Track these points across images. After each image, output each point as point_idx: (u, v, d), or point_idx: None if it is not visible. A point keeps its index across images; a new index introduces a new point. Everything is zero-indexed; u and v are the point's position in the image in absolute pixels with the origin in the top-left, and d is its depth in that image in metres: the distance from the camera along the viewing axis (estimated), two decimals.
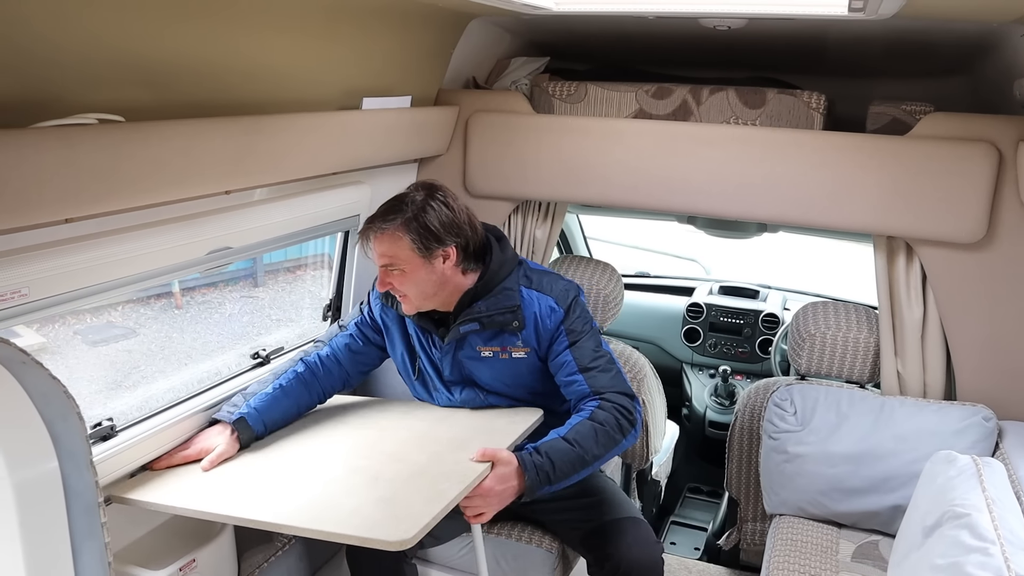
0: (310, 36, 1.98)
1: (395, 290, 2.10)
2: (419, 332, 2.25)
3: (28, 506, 1.01)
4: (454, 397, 2.27)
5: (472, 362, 2.20)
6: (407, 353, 2.30)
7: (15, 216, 1.43)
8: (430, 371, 2.27)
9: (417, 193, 2.09)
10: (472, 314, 2.12)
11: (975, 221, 2.30)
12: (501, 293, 2.14)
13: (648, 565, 2.08)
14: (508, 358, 2.17)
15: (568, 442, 1.97)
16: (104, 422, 1.92)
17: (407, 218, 2.04)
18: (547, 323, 2.14)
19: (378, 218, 2.06)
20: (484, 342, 2.17)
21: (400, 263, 2.05)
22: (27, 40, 1.35)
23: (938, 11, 1.92)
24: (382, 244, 2.05)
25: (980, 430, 2.29)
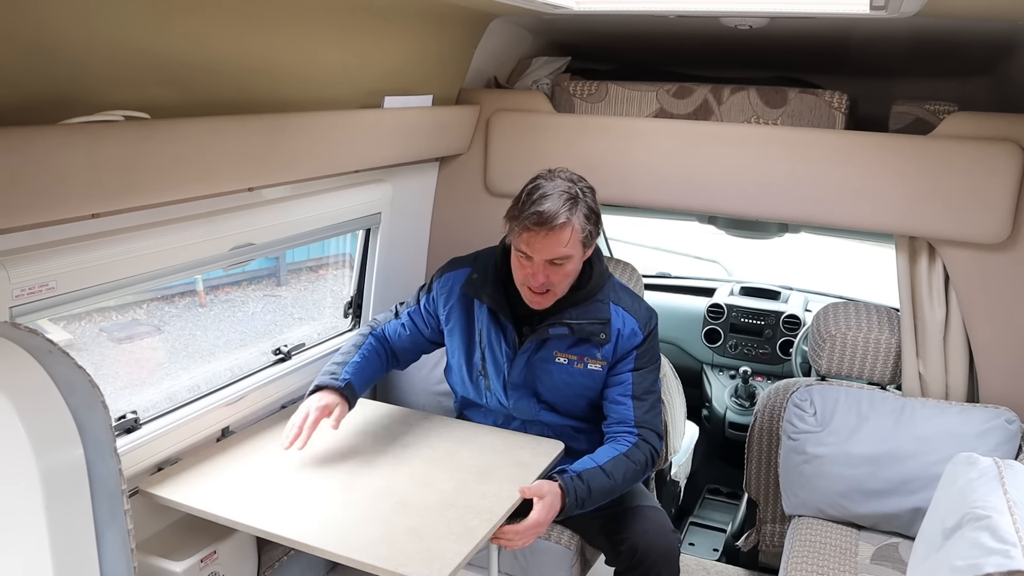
0: (333, 35, 2.01)
1: (549, 283, 2.03)
2: (493, 329, 2.20)
3: (54, 492, 1.04)
4: (507, 402, 2.24)
5: (543, 367, 2.19)
6: (466, 349, 2.27)
7: (43, 211, 1.47)
8: (491, 371, 2.23)
9: (573, 183, 2.03)
10: (563, 319, 2.11)
11: (999, 221, 2.28)
12: (594, 304, 2.14)
13: (664, 551, 2.10)
14: (583, 368, 2.17)
15: (605, 473, 2.03)
16: (128, 415, 1.96)
17: (579, 210, 1.99)
18: (626, 344, 2.16)
19: (553, 209, 1.95)
20: (565, 349, 2.16)
21: (566, 259, 2.01)
22: (56, 40, 1.39)
23: (961, 9, 1.90)
24: (562, 236, 1.96)
25: (1003, 433, 2.27)
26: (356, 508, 1.85)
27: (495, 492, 1.92)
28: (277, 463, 2.07)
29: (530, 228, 1.96)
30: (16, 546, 1.07)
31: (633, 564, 2.10)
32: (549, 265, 2.01)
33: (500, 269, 2.19)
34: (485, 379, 2.26)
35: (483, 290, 2.18)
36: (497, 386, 2.24)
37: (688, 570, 3.02)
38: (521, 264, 2.05)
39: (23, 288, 1.53)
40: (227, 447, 2.14)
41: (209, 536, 2.03)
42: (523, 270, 2.05)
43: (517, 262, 2.06)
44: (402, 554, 1.68)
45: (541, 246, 1.98)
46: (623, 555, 2.12)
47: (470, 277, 2.23)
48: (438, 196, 3.01)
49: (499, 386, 2.24)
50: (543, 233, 1.96)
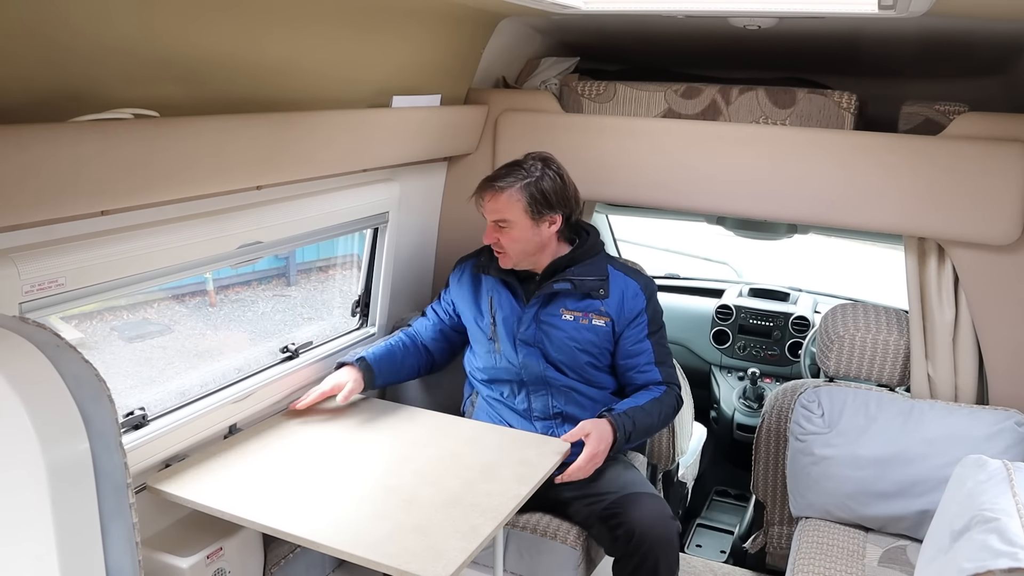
0: (342, 35, 2.01)
1: (498, 246, 2.32)
2: (500, 290, 2.42)
3: (60, 485, 1.04)
4: (516, 357, 2.37)
5: (550, 321, 2.35)
6: (477, 317, 2.45)
7: (53, 208, 1.48)
8: (502, 331, 2.39)
9: (535, 162, 2.32)
10: (566, 276, 2.34)
11: (1009, 222, 2.26)
12: (592, 264, 2.38)
13: (661, 536, 2.11)
14: (588, 324, 2.34)
15: (646, 412, 2.28)
16: (136, 411, 1.97)
17: (525, 182, 2.27)
18: (631, 304, 2.35)
19: (498, 178, 2.29)
20: (570, 306, 2.35)
21: (511, 222, 2.27)
22: (66, 37, 1.40)
23: (970, 9, 1.89)
24: (497, 202, 2.27)
25: (1012, 435, 2.26)
26: (362, 506, 1.86)
27: (501, 491, 1.92)
28: (284, 460, 2.08)
29: (479, 193, 2.32)
30: (22, 539, 1.08)
31: (630, 550, 2.11)
32: (497, 227, 2.30)
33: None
34: (495, 342, 2.40)
35: (490, 266, 2.44)
36: (507, 346, 2.38)
37: (695, 571, 3.01)
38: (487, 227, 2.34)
39: (33, 284, 1.55)
40: (234, 444, 2.15)
41: (216, 532, 2.04)
42: (486, 232, 2.34)
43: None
44: (407, 551, 1.68)
45: (486, 208, 2.31)
46: (620, 541, 2.14)
47: (478, 260, 2.50)
48: (446, 196, 3.02)
49: (509, 345, 2.38)
50: (486, 197, 2.30)
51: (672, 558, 2.14)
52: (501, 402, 2.44)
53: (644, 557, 2.10)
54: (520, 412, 2.40)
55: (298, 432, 2.24)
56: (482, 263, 2.47)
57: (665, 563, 2.11)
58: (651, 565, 2.10)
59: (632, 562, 2.12)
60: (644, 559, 2.10)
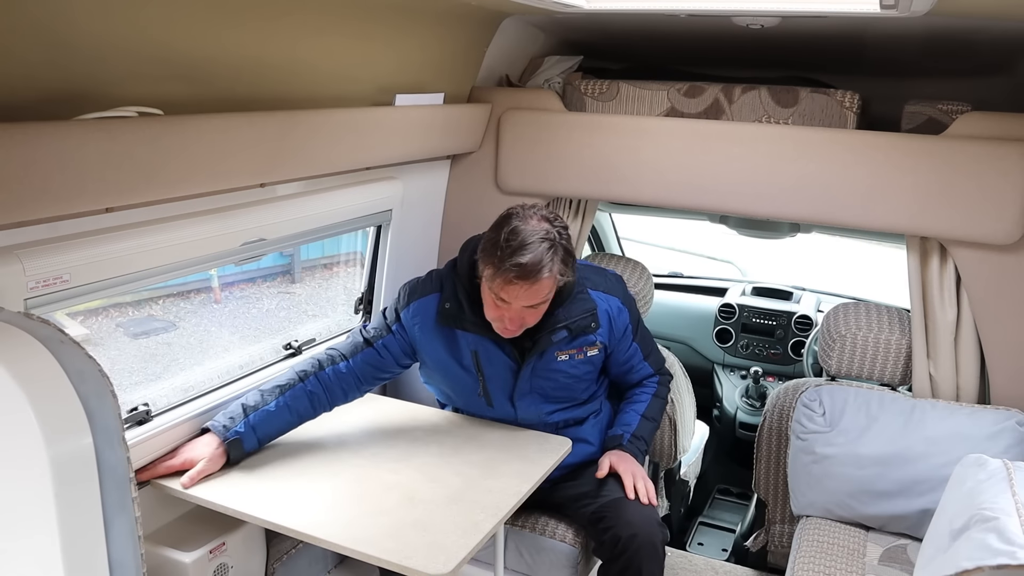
0: (345, 33, 2.02)
1: (522, 323, 2.05)
2: (486, 345, 2.18)
3: (63, 479, 1.06)
4: (514, 410, 2.27)
5: (548, 369, 2.22)
6: (458, 375, 2.25)
7: (58, 205, 1.49)
8: (493, 388, 2.25)
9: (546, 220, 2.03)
10: (558, 322, 2.15)
11: (1011, 222, 2.26)
12: (578, 299, 2.20)
13: (646, 542, 2.09)
14: (583, 358, 2.25)
15: (649, 420, 2.34)
16: (140, 407, 1.98)
17: (556, 259, 1.99)
18: (618, 322, 2.28)
19: (536, 262, 1.94)
20: (564, 347, 2.21)
21: (544, 301, 2.04)
22: (71, 37, 1.41)
23: (973, 9, 1.89)
24: (543, 286, 1.98)
25: (1013, 435, 2.26)
26: (364, 502, 1.87)
27: (501, 487, 1.93)
28: (286, 456, 2.09)
29: (512, 281, 1.95)
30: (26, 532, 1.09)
31: (615, 554, 2.11)
32: (525, 308, 2.03)
33: (470, 293, 2.15)
34: (486, 397, 2.27)
35: (464, 319, 2.16)
36: (502, 400, 2.26)
37: (697, 570, 3.02)
38: (496, 305, 2.03)
39: (38, 280, 1.56)
40: None
41: (218, 528, 2.05)
42: (497, 311, 2.04)
43: (491, 302, 2.04)
44: (409, 547, 1.69)
45: (521, 295, 1.98)
46: (606, 544, 2.14)
47: (442, 307, 2.18)
48: (449, 194, 3.02)
49: (504, 400, 2.26)
50: (525, 286, 1.96)
51: (656, 566, 2.12)
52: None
53: (628, 563, 2.09)
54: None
55: (301, 428, 2.25)
56: (449, 313, 2.17)
57: (648, 570, 2.10)
58: (635, 570, 2.09)
59: (616, 567, 2.12)
60: (628, 565, 2.09)
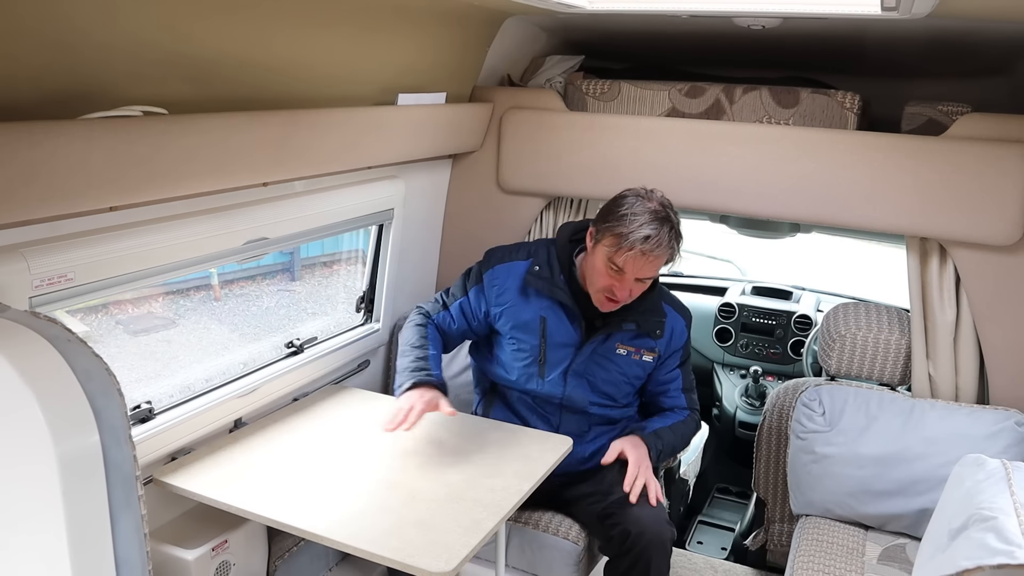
0: (348, 33, 2.03)
1: (629, 296, 2.17)
2: (557, 314, 2.29)
3: (70, 477, 1.06)
4: (563, 386, 2.32)
5: (606, 355, 2.31)
6: (524, 339, 2.32)
7: (63, 204, 1.50)
8: (552, 358, 2.31)
9: (670, 210, 2.15)
10: (631, 316, 2.28)
11: (1011, 223, 2.27)
12: (654, 304, 2.33)
13: (655, 538, 2.11)
14: (639, 360, 2.34)
15: (673, 432, 2.36)
16: (143, 405, 1.99)
17: (677, 233, 2.15)
18: (677, 340, 2.38)
19: (664, 242, 2.09)
20: (627, 341, 2.32)
21: (657, 277, 2.22)
22: (75, 38, 1.42)
23: (974, 10, 1.90)
24: (661, 260, 2.14)
25: (1012, 435, 2.27)
26: (366, 500, 1.88)
27: (503, 486, 1.94)
28: (289, 455, 2.10)
29: (636, 250, 2.07)
30: (34, 529, 1.10)
31: (624, 549, 2.12)
32: (636, 281, 2.15)
33: (564, 265, 2.30)
34: (541, 368, 2.32)
35: (552, 285, 2.29)
36: (556, 375, 2.31)
37: (696, 568, 3.03)
38: (608, 274, 2.14)
39: (42, 279, 1.57)
40: (239, 438, 2.17)
41: (221, 525, 2.06)
42: (608, 280, 2.15)
43: (604, 271, 2.15)
44: (410, 545, 1.70)
45: (640, 267, 2.11)
46: (615, 541, 2.15)
47: (532, 269, 2.32)
48: (451, 193, 3.03)
49: (559, 375, 2.31)
50: (647, 257, 2.09)
51: (663, 563, 2.14)
52: (531, 407, 2.38)
53: (636, 559, 2.11)
54: (551, 423, 2.37)
55: (303, 426, 2.27)
56: (539, 275, 2.30)
57: (656, 567, 2.12)
58: (643, 567, 2.11)
59: (624, 563, 2.14)
60: (636, 561, 2.11)
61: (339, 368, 2.70)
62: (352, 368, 2.79)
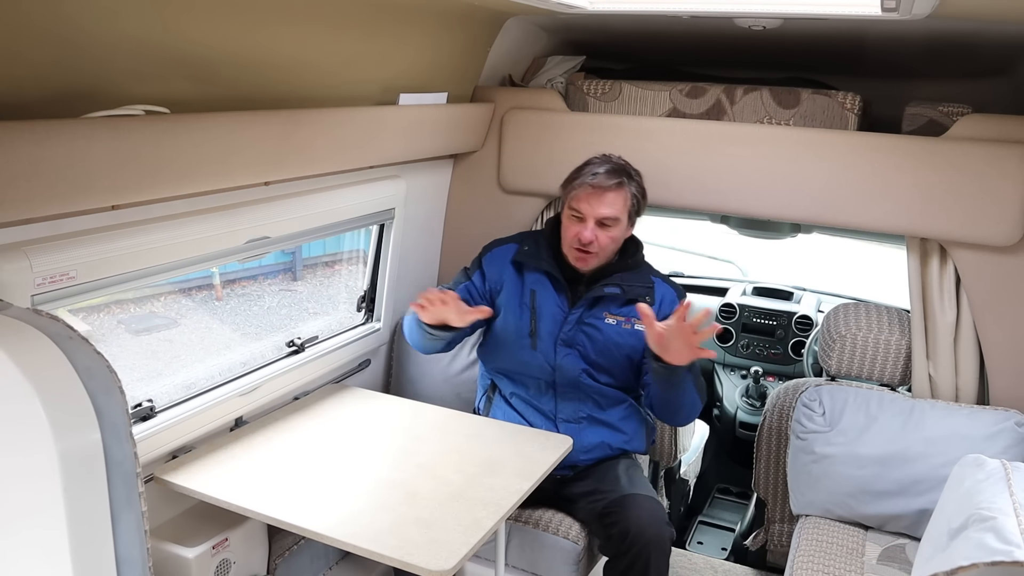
0: (349, 33, 2.03)
1: (594, 245, 2.27)
2: (544, 285, 2.37)
3: (72, 474, 1.07)
4: (555, 357, 2.35)
5: (594, 324, 2.34)
6: (516, 313, 2.40)
7: (65, 202, 1.51)
8: (542, 329, 2.36)
9: (627, 164, 2.34)
10: (614, 281, 2.34)
11: (1011, 224, 2.27)
12: (639, 272, 2.41)
13: (654, 538, 2.12)
14: (630, 329, 2.34)
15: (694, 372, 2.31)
16: (144, 403, 1.99)
17: (634, 183, 2.31)
18: (667, 309, 2.35)
19: (612, 175, 2.26)
20: (614, 310, 2.35)
21: (618, 221, 2.28)
22: (78, 37, 1.42)
23: (974, 11, 1.90)
24: (616, 198, 2.26)
25: (1012, 435, 2.27)
26: (366, 499, 1.88)
27: (503, 485, 1.95)
28: (289, 453, 2.11)
29: (586, 186, 2.24)
30: (35, 526, 1.10)
31: (623, 549, 2.13)
32: (598, 226, 2.25)
33: (550, 243, 2.41)
34: (533, 339, 2.36)
35: (537, 257, 2.39)
36: (547, 344, 2.35)
37: (696, 569, 3.03)
38: (572, 224, 2.28)
39: (44, 277, 1.57)
40: (240, 437, 2.18)
41: (221, 524, 2.07)
42: (574, 228, 2.28)
43: (569, 223, 2.30)
44: (410, 544, 1.71)
45: (596, 204, 2.24)
46: (613, 540, 2.16)
47: (521, 250, 2.43)
48: (452, 192, 3.04)
49: (550, 344, 2.35)
50: (599, 193, 2.24)
51: (663, 562, 2.14)
52: (525, 401, 2.41)
53: (635, 558, 2.11)
54: (545, 413, 2.39)
55: (304, 425, 2.27)
56: (526, 253, 2.41)
57: (655, 567, 2.12)
58: (641, 567, 2.11)
59: (623, 562, 2.14)
60: (635, 560, 2.11)
61: (340, 367, 2.71)
62: (353, 367, 2.80)
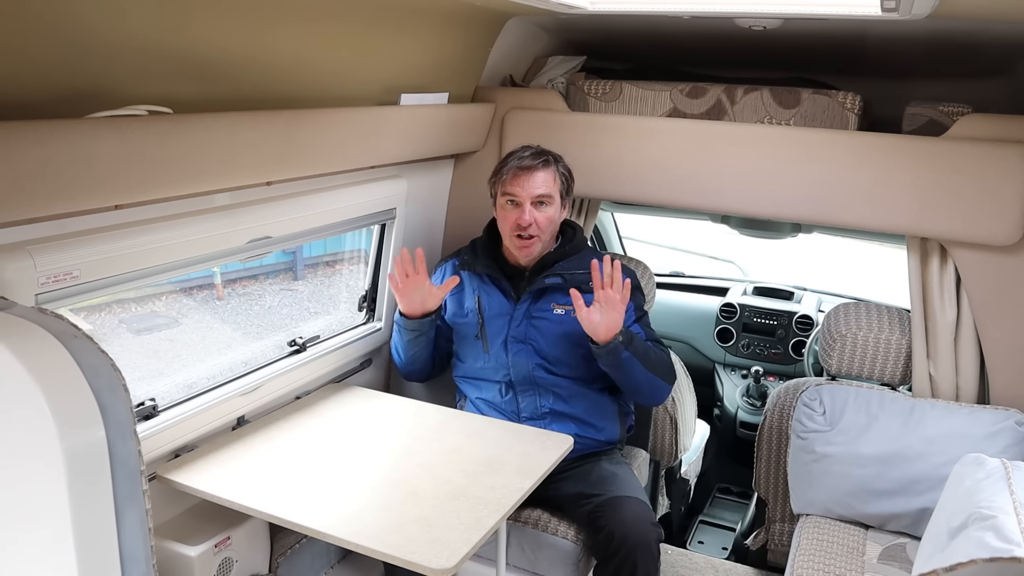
0: (351, 33, 2.04)
1: (533, 228, 2.30)
2: (488, 287, 2.43)
3: (76, 471, 1.07)
4: (506, 356, 2.38)
5: (543, 316, 2.38)
6: (464, 318, 2.46)
7: (69, 202, 1.51)
8: (490, 331, 2.41)
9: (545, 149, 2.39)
10: (556, 271, 2.37)
11: (1011, 223, 2.27)
12: (579, 258, 2.41)
13: (640, 541, 2.12)
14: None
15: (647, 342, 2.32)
16: (147, 402, 2.00)
17: (560, 163, 2.38)
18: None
19: (538, 156, 2.33)
20: (561, 300, 2.37)
21: (552, 199, 2.33)
22: (83, 37, 1.43)
23: (974, 11, 1.91)
24: (547, 176, 2.32)
25: (1012, 434, 2.27)
26: (368, 497, 1.89)
27: (504, 484, 1.95)
28: (291, 452, 2.11)
29: (518, 171, 2.29)
30: (40, 524, 1.11)
31: (610, 553, 2.13)
32: (534, 207, 2.30)
33: (488, 245, 2.49)
34: (483, 341, 2.41)
35: (476, 262, 2.46)
36: (497, 345, 2.40)
37: (697, 568, 3.03)
38: (509, 213, 2.33)
39: (48, 276, 1.58)
40: (242, 435, 2.18)
41: (223, 522, 2.07)
42: (512, 216, 2.32)
43: (505, 213, 2.34)
44: (412, 542, 1.71)
45: (528, 184, 2.29)
46: (600, 543, 2.17)
47: (462, 259, 2.51)
48: (453, 192, 3.04)
49: (499, 344, 2.39)
50: (528, 173, 2.29)
51: (651, 565, 2.13)
52: (488, 403, 2.44)
53: (622, 562, 2.11)
54: (508, 414, 2.41)
55: (305, 424, 2.28)
56: (465, 261, 2.49)
57: (643, 569, 2.11)
58: (629, 570, 2.11)
59: (611, 566, 2.14)
60: (622, 564, 2.11)
61: (341, 366, 2.71)
62: (354, 366, 2.80)
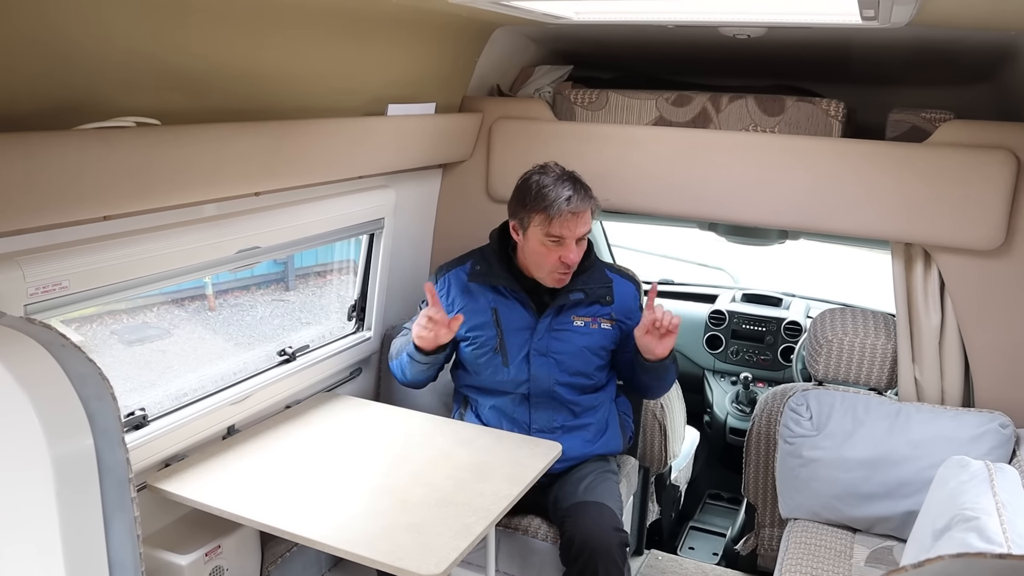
0: (338, 44, 2.06)
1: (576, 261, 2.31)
2: (507, 301, 2.39)
3: (65, 479, 1.08)
4: (527, 369, 2.37)
5: (565, 328, 2.38)
6: (480, 333, 2.41)
7: (57, 213, 1.52)
8: (511, 345, 2.39)
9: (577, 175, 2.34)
10: (576, 286, 2.38)
11: (993, 228, 2.30)
12: (596, 272, 2.44)
13: (600, 546, 2.11)
14: (598, 328, 2.41)
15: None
16: (137, 411, 2.01)
17: (590, 191, 2.33)
18: (631, 303, 2.46)
19: (580, 194, 2.27)
20: (581, 312, 2.40)
21: (588, 233, 2.33)
22: (70, 50, 1.44)
23: (953, 19, 1.94)
24: (589, 216, 2.30)
25: (996, 437, 2.29)
26: (358, 505, 1.90)
27: (493, 491, 1.96)
28: (281, 461, 2.12)
29: (565, 213, 2.23)
30: (28, 532, 1.11)
31: (571, 557, 2.14)
32: (580, 241, 2.30)
33: (500, 257, 2.43)
34: (503, 356, 2.38)
35: (493, 275, 2.40)
36: (517, 359, 2.37)
37: (687, 574, 3.04)
38: (550, 249, 2.28)
39: (37, 287, 1.59)
40: (232, 445, 2.19)
41: (214, 531, 2.08)
42: (554, 253, 2.28)
43: (545, 250, 2.28)
44: (401, 549, 1.72)
45: (575, 227, 2.26)
46: (563, 548, 2.18)
47: (473, 269, 2.44)
48: (441, 202, 3.06)
49: (521, 358, 2.37)
50: (577, 216, 2.25)
51: (613, 570, 2.12)
52: (499, 411, 2.42)
53: (584, 567, 2.11)
54: (519, 423, 2.40)
55: (295, 433, 2.29)
56: (479, 272, 2.41)
57: (605, 574, 2.10)
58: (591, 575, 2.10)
59: (574, 570, 2.14)
60: (584, 568, 2.11)
61: (331, 376, 2.72)
62: (344, 376, 2.81)
